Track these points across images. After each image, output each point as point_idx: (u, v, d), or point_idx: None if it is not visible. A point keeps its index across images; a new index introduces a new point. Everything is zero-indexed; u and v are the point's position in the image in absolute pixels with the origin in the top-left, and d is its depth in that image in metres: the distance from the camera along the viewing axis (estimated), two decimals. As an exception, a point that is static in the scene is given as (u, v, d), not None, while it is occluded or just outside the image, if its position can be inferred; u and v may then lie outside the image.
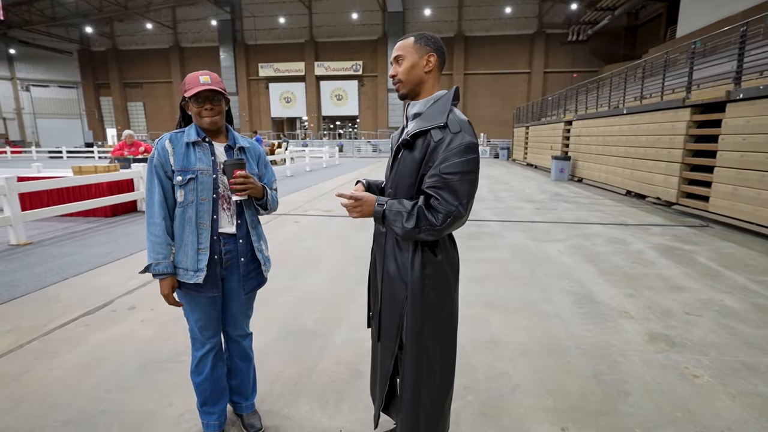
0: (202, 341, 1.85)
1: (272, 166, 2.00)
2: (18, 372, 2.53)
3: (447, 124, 1.39)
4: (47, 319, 3.27)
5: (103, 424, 2.08)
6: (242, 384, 2.04)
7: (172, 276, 1.70)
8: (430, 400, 1.58)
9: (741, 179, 6.28)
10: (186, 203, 1.70)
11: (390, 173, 1.57)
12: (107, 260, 4.83)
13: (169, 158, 1.69)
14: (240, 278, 1.83)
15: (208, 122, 1.70)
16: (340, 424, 2.07)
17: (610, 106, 12.17)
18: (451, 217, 1.35)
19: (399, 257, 1.52)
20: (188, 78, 1.68)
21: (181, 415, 2.14)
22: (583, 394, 2.30)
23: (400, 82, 1.50)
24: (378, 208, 1.46)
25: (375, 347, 1.74)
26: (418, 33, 1.52)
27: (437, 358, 1.56)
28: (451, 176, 1.34)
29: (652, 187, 8.96)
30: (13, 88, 38.90)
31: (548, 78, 32.93)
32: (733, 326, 3.12)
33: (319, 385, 2.41)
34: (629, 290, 3.88)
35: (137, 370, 2.56)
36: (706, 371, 2.52)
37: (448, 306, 1.54)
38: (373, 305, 1.72)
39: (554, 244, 5.57)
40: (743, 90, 6.29)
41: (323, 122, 37.79)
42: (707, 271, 4.40)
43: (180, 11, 36.95)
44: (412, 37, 1.50)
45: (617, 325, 3.15)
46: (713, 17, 18.79)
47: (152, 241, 1.68)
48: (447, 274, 1.52)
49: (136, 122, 40.35)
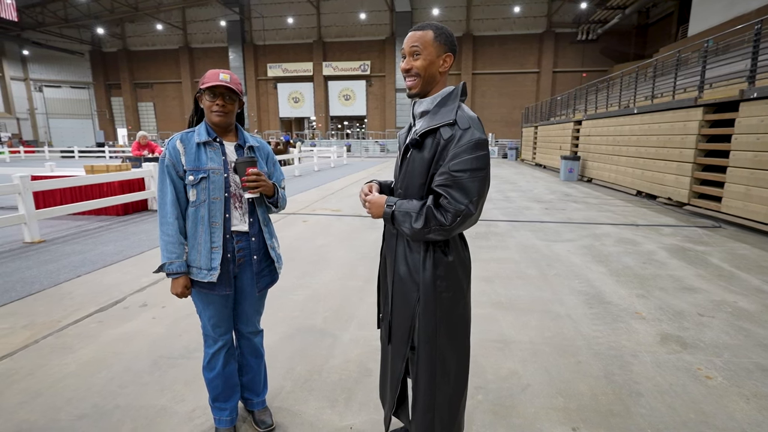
0: (214, 338, 1.87)
1: (280, 166, 2.01)
2: (34, 366, 2.57)
3: (456, 121, 1.35)
4: (61, 315, 3.33)
5: (117, 418, 2.11)
6: (253, 381, 2.06)
7: (185, 275, 1.73)
8: (445, 402, 1.55)
9: (755, 179, 6.19)
10: (198, 202, 1.72)
11: (399, 173, 1.54)
12: (119, 258, 4.89)
13: (181, 158, 1.70)
14: (253, 276, 1.85)
15: (217, 119, 1.71)
16: (350, 422, 2.08)
17: (621, 105, 12.06)
18: (461, 216, 1.32)
19: (410, 258, 1.49)
20: (209, 72, 1.69)
21: (193, 410, 2.17)
22: (594, 394, 2.29)
23: (417, 77, 1.41)
24: (387, 209, 1.44)
25: (385, 350, 1.71)
26: (436, 27, 1.41)
27: (451, 359, 1.53)
28: (461, 174, 1.31)
29: (664, 188, 8.85)
30: (26, 88, 39.54)
31: (557, 78, 32.67)
32: (747, 328, 3.07)
33: (329, 382, 2.42)
34: (640, 291, 3.84)
35: (150, 366, 2.59)
36: (719, 372, 2.49)
37: (461, 307, 1.52)
38: (383, 307, 1.70)
39: (564, 244, 5.53)
40: (757, 89, 6.18)
41: (331, 122, 37.87)
42: (720, 273, 4.34)
43: (189, 12, 37.26)
44: (431, 30, 1.39)
45: (628, 326, 3.12)
46: (726, 15, 18.54)
47: (165, 240, 1.70)
48: (459, 275, 1.49)
49: (146, 122, 40.76)
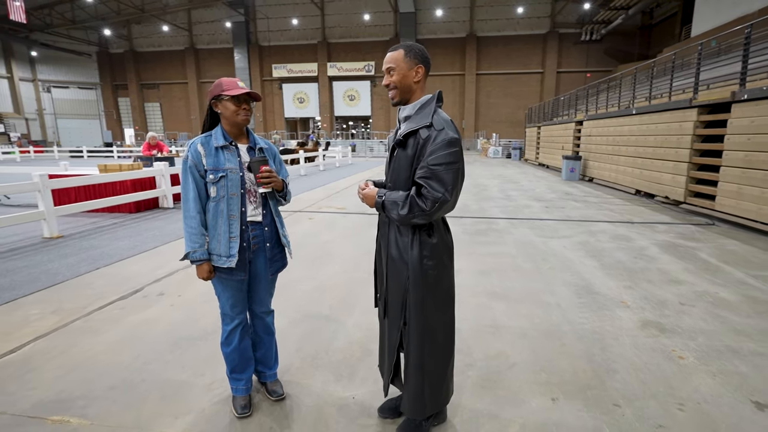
0: (231, 317, 2.12)
1: (287, 167, 2.27)
2: (66, 346, 2.83)
3: (432, 124, 1.63)
4: (86, 302, 3.59)
5: (144, 389, 2.36)
6: (266, 355, 2.31)
7: (207, 261, 1.97)
8: (434, 367, 1.82)
9: (746, 178, 6.37)
10: (218, 198, 1.96)
11: (388, 170, 1.83)
12: (134, 252, 5.16)
13: (202, 159, 1.95)
14: (266, 261, 2.10)
15: (243, 120, 1.96)
16: (352, 393, 2.32)
17: (620, 106, 12.23)
18: (439, 203, 1.58)
19: (400, 242, 1.77)
20: (225, 81, 1.93)
21: (212, 383, 2.42)
22: (574, 371, 2.51)
23: (395, 89, 1.71)
24: (378, 199, 1.75)
25: (382, 324, 1.98)
26: (406, 46, 1.70)
27: (439, 329, 1.81)
28: (438, 167, 1.59)
29: (661, 187, 9.04)
30: (34, 89, 40.17)
31: (561, 78, 32.80)
32: (724, 315, 3.29)
33: (333, 361, 2.67)
34: (629, 283, 4.06)
35: (171, 346, 2.85)
36: (691, 353, 2.71)
37: (445, 282, 1.79)
38: (380, 286, 1.97)
39: (560, 240, 5.75)
40: (748, 91, 6.37)
41: (336, 122, 38.18)
42: (707, 267, 4.54)
43: (195, 13, 37.70)
44: (402, 49, 1.69)
45: (613, 314, 3.34)
46: (729, 16, 18.63)
47: (189, 232, 1.94)
48: (442, 254, 1.76)
49: (153, 123, 41.27)
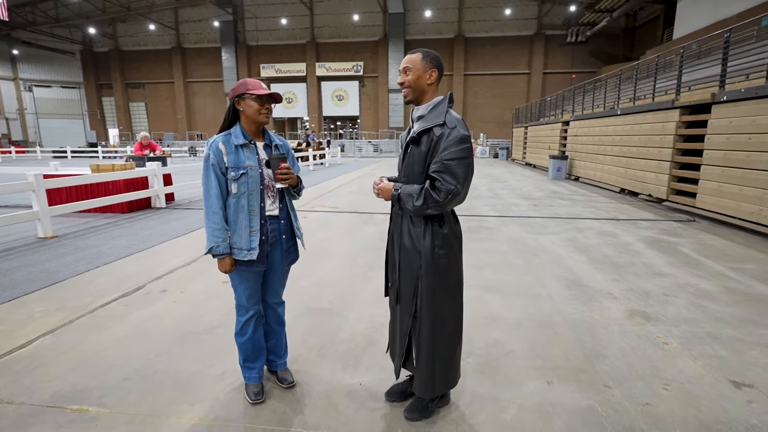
0: (247, 308, 2.21)
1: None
2: (75, 341, 2.90)
3: (445, 122, 1.79)
4: (89, 300, 3.64)
5: (158, 379, 2.45)
6: (277, 345, 2.42)
7: (229, 255, 2.06)
8: (444, 351, 1.96)
9: (725, 176, 6.65)
10: (239, 194, 2.05)
11: (402, 166, 1.97)
12: (131, 251, 5.19)
13: (223, 157, 2.03)
14: (283, 252, 2.21)
15: (264, 119, 2.07)
16: (359, 380, 2.44)
17: (606, 107, 12.54)
18: (451, 194, 1.73)
19: (413, 232, 1.90)
20: (249, 81, 2.03)
21: (223, 372, 2.51)
22: (567, 357, 2.67)
23: (409, 88, 1.87)
24: (394, 192, 1.89)
25: (394, 311, 2.11)
26: (425, 51, 1.87)
27: (449, 315, 1.95)
28: (451, 161, 1.73)
29: (645, 185, 9.33)
30: (15, 88, 39.29)
31: (548, 79, 33.31)
32: (705, 305, 3.49)
33: (339, 351, 2.78)
34: (615, 276, 4.25)
35: (178, 340, 2.93)
36: (675, 339, 2.89)
37: (455, 271, 1.93)
38: (391, 275, 2.09)
39: (549, 236, 5.94)
40: (726, 92, 6.66)
41: (324, 122, 38.16)
42: (688, 260, 4.77)
43: (182, 12, 37.33)
44: (420, 53, 1.86)
45: (601, 304, 3.51)
46: (710, 19, 19.20)
47: (212, 227, 2.02)
48: (452, 244, 1.90)
49: (138, 123, 40.73)
